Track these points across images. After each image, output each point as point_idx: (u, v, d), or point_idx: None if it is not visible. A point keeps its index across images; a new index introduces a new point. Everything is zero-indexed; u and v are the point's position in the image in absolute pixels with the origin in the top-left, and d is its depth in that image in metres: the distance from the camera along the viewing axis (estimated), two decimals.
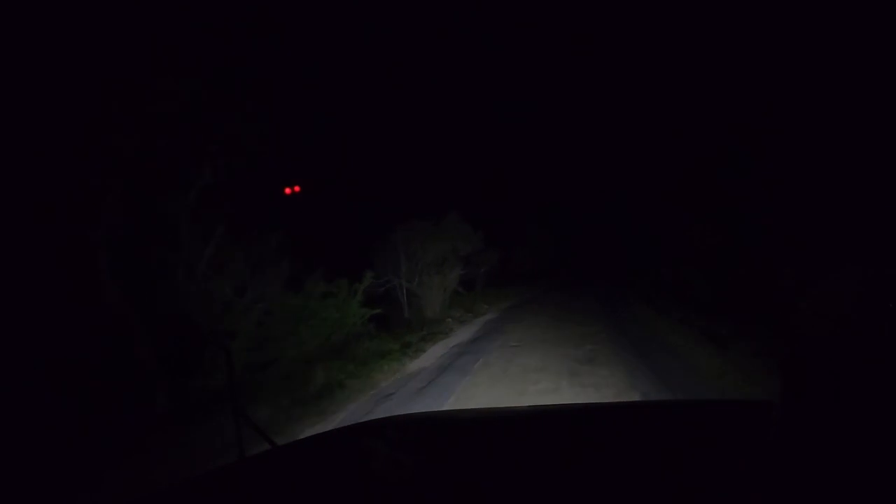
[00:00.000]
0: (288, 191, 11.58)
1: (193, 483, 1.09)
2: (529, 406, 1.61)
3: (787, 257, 6.99)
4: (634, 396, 5.17)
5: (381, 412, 5.26)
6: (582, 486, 0.90)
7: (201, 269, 6.51)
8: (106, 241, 5.23)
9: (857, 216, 5.85)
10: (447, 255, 12.80)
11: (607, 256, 21.90)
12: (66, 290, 4.94)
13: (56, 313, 4.70)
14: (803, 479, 0.69)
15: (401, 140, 14.73)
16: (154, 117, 5.35)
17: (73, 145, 4.87)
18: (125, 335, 5.32)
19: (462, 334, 10.11)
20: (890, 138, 5.60)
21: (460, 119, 17.84)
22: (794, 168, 7.12)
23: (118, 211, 5.33)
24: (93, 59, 4.80)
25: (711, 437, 1.06)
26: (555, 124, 20.99)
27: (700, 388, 5.42)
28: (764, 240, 8.10)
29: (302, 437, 1.61)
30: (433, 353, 8.24)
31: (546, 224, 22.16)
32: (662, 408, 1.73)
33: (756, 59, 8.08)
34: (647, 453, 1.02)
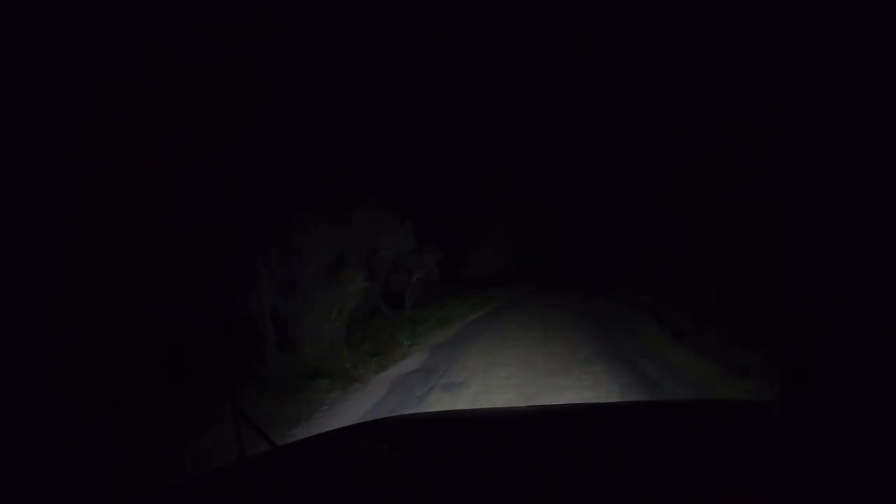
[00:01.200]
0: None
1: (193, 483, 1.09)
2: (529, 406, 1.61)
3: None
4: None
5: None
6: (583, 486, 0.90)
7: None
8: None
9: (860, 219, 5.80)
10: (347, 256, 8.25)
11: (603, 259, 19.78)
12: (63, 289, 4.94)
13: (54, 313, 4.70)
14: (805, 479, 0.69)
15: (399, 139, 14.65)
16: (154, 117, 5.36)
17: (73, 146, 4.88)
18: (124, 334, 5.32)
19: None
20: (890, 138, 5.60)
21: (459, 118, 17.78)
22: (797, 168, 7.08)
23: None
24: (93, 59, 4.80)
25: (712, 437, 1.06)
26: (553, 122, 20.85)
27: None
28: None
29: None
30: None
31: (532, 220, 19.74)
32: (663, 407, 1.73)
33: (756, 58, 8.08)
34: (648, 453, 1.02)
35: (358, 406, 5.49)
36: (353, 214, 8.75)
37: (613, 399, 4.75)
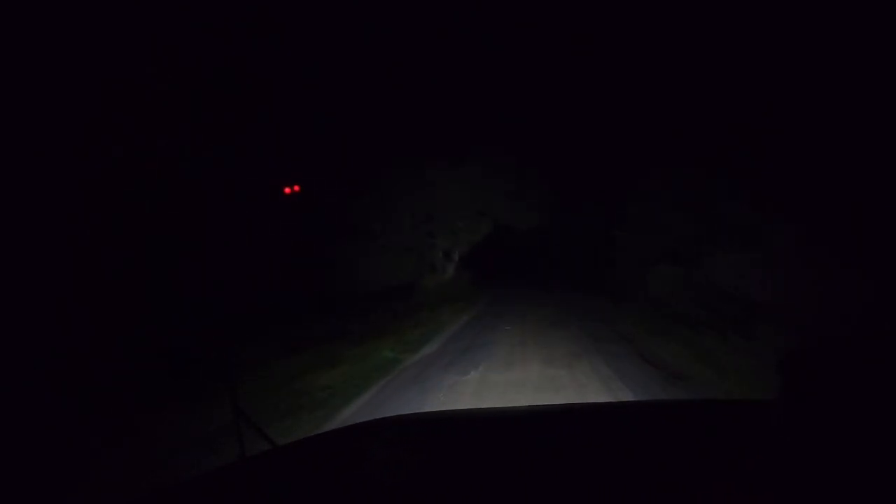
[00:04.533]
0: (288, 190, 11.52)
1: (193, 483, 1.09)
2: (529, 406, 1.61)
3: None
4: None
5: None
6: (583, 486, 0.90)
7: None
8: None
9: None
10: None
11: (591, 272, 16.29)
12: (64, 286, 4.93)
13: (54, 312, 4.70)
14: (804, 478, 0.69)
15: (397, 137, 14.55)
16: (154, 117, 5.36)
17: (73, 146, 4.88)
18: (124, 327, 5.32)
19: None
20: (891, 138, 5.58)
21: (458, 117, 17.66)
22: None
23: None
24: (93, 59, 4.79)
25: (712, 437, 1.06)
26: (553, 121, 20.67)
27: None
28: None
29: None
30: None
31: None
32: (663, 407, 1.72)
33: (756, 58, 8.07)
34: (649, 453, 1.02)
35: None
36: None
37: None
